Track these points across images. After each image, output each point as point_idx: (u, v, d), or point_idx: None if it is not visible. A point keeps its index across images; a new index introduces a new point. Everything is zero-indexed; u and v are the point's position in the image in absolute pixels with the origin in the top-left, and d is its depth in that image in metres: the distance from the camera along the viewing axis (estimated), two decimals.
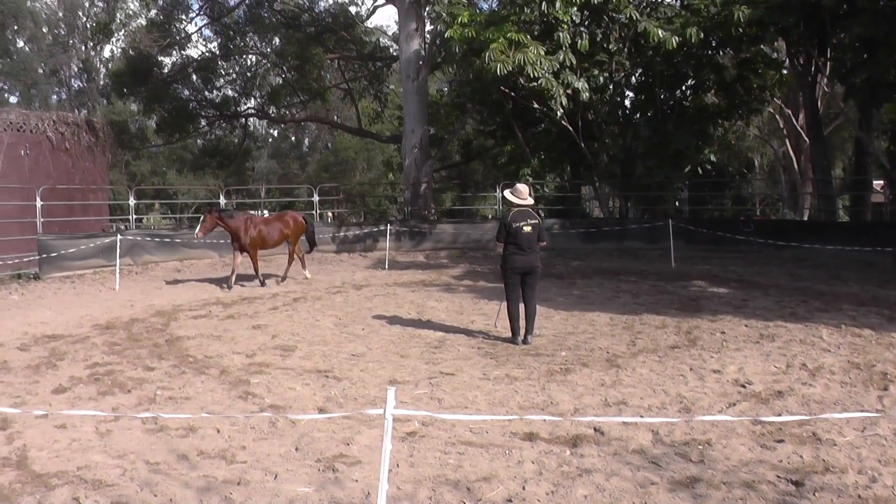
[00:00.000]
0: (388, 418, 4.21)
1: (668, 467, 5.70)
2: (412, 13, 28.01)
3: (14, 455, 6.35)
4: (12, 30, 58.67)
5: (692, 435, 6.38)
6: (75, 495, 5.48)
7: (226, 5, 37.78)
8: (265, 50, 39.52)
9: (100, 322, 12.95)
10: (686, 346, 10.00)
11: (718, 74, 25.26)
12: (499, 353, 9.92)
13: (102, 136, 27.84)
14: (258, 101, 42.49)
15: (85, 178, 26.09)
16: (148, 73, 37.05)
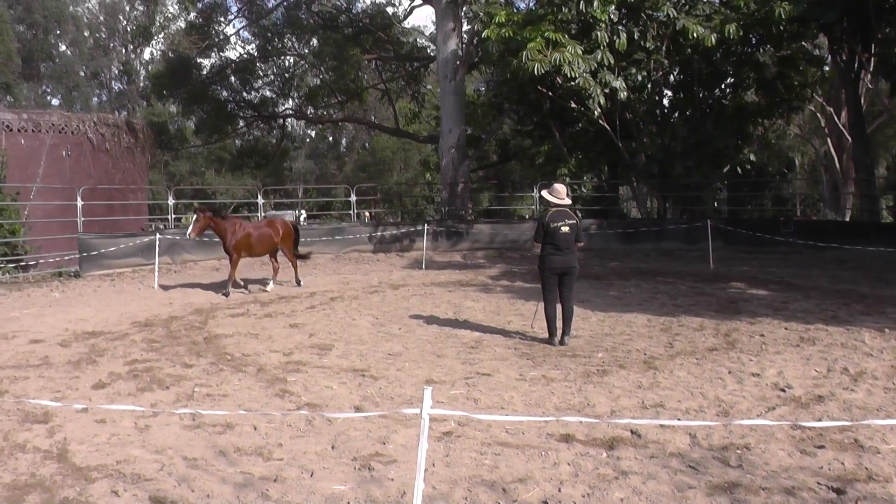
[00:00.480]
0: (424, 418, 4.21)
1: (707, 471, 5.64)
2: (449, 13, 28.03)
3: (55, 448, 6.46)
4: (55, 34, 59.65)
5: (730, 439, 6.29)
6: (114, 488, 5.55)
7: (264, 7, 38.07)
8: (303, 51, 39.74)
9: (139, 319, 13.11)
10: (724, 348, 9.89)
11: (758, 72, 24.93)
12: (535, 353, 9.89)
13: (142, 136, 28.21)
14: (296, 101, 42.73)
15: (125, 179, 26.47)
16: (187, 74, 37.45)
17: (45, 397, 7.97)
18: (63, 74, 59.18)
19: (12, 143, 23.03)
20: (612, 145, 26.43)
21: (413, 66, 38.83)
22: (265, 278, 18.01)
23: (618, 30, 23.18)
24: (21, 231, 21.69)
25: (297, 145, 53.06)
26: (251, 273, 19.02)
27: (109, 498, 5.42)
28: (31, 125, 23.72)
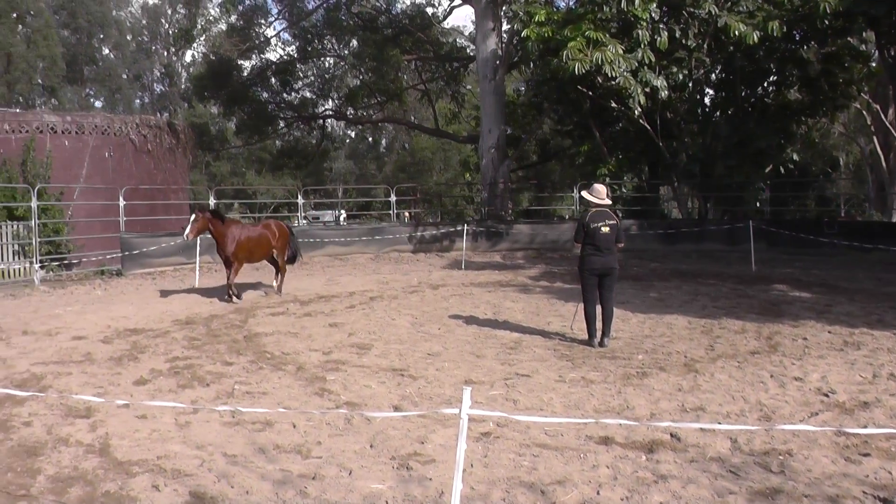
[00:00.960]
0: (463, 418, 4.21)
1: (748, 477, 5.57)
2: (489, 13, 28.02)
3: (97, 442, 6.57)
4: (98, 38, 60.62)
5: (772, 444, 6.21)
6: (155, 483, 5.62)
7: (304, 9, 38.30)
8: (343, 52, 39.92)
9: (180, 317, 13.28)
10: (766, 351, 9.76)
11: (802, 69, 24.56)
12: (575, 355, 9.84)
13: (183, 138, 28.59)
14: (336, 102, 42.94)
15: (166, 179, 26.86)
16: (228, 76, 37.83)
17: (87, 393, 8.10)
18: (106, 77, 60.18)
19: (56, 145, 23.48)
20: (652, 145, 26.22)
21: (452, 67, 38.84)
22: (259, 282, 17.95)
23: (659, 28, 22.98)
24: (64, 230, 22.10)
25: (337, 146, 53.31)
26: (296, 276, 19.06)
27: (150, 492, 5.49)
28: (75, 127, 24.16)
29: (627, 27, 22.76)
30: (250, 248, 15.55)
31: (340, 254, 24.18)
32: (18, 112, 27.37)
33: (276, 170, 49.24)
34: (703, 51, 24.42)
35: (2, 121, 23.59)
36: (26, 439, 6.69)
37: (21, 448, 6.47)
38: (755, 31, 21.87)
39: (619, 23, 23.03)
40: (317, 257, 23.70)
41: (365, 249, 24.53)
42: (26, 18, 49.47)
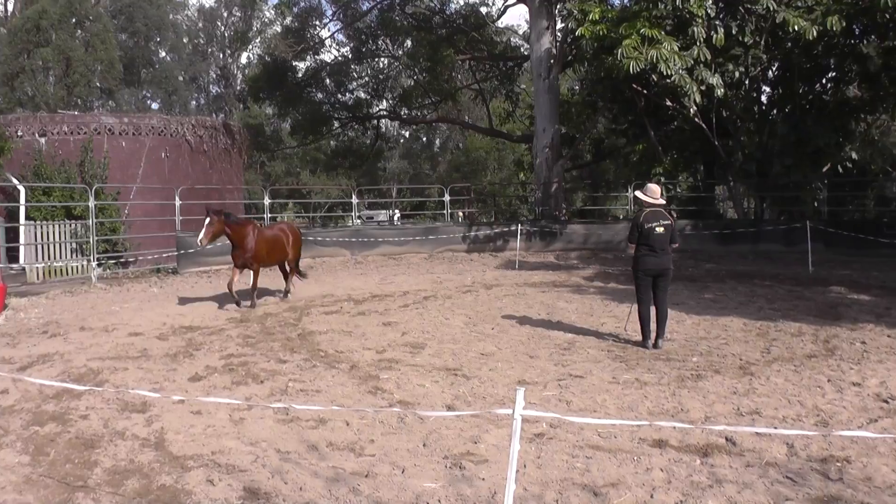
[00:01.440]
0: (516, 418, 4.23)
1: (805, 483, 5.51)
2: (543, 11, 27.93)
3: (153, 436, 6.74)
4: (155, 41, 61.71)
5: (830, 451, 6.12)
6: (209, 478, 5.76)
7: (359, 10, 38.53)
8: (397, 52, 40.11)
9: (234, 315, 13.49)
10: (824, 355, 9.60)
11: (862, 65, 23.99)
12: (629, 356, 9.80)
13: (239, 138, 29.01)
14: (390, 102, 43.16)
15: (222, 179, 27.27)
16: (283, 77, 38.25)
17: (143, 388, 8.28)
18: (163, 79, 61.19)
19: (114, 146, 23.99)
20: (708, 144, 25.89)
21: (506, 66, 38.77)
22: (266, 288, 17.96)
23: (715, 24, 22.64)
24: (121, 229, 22.58)
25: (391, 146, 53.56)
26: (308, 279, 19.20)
27: (205, 486, 5.62)
28: (132, 128, 24.66)
29: (683, 24, 22.48)
30: (268, 250, 14.90)
31: (394, 253, 24.31)
32: (77, 114, 27.97)
33: (331, 170, 49.67)
34: (760, 47, 24.00)
35: (60, 123, 24.16)
36: (84, 432, 6.89)
37: (78, 440, 6.68)
38: (814, 26, 21.39)
39: (675, 20, 22.75)
40: (370, 256, 23.86)
41: (419, 249, 24.63)
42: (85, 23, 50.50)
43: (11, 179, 22.15)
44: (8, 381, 8.48)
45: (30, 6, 47.90)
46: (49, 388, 8.17)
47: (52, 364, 9.71)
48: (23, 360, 9.98)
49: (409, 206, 41.05)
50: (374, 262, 23.05)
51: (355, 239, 24.29)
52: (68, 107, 44.16)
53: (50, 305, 15.19)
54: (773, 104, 27.10)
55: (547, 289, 16.84)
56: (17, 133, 23.20)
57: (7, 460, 6.24)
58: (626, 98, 26.88)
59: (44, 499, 5.51)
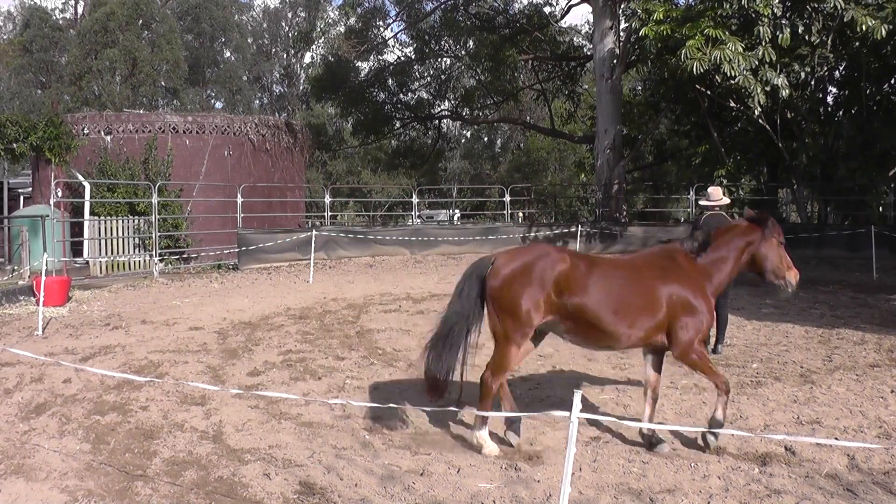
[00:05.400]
0: (573, 421, 4.24)
1: (865, 497, 5.43)
2: (607, 11, 27.75)
3: (211, 429, 6.91)
4: (220, 42, 62.67)
5: (892, 464, 6.03)
6: (266, 471, 5.88)
7: (422, 10, 38.59)
8: (459, 52, 40.08)
9: (294, 312, 13.69)
10: (887, 365, 9.41)
11: None
12: None
13: (301, 137, 29.31)
14: (452, 102, 43.14)
15: (283, 177, 27.60)
16: (345, 77, 38.51)
17: (202, 381, 8.50)
18: (227, 79, 62.11)
19: (178, 144, 24.44)
20: (771, 146, 25.48)
21: (569, 66, 38.52)
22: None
23: (781, 24, 22.23)
24: (183, 225, 23.01)
25: (452, 146, 53.54)
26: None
27: (261, 480, 5.74)
28: (196, 127, 25.10)
29: (748, 24, 22.14)
30: None
31: (454, 253, 24.37)
32: (142, 113, 28.61)
33: (392, 169, 49.82)
34: (827, 47, 23.50)
35: (126, 121, 24.69)
36: (143, 423, 7.10)
37: (138, 431, 6.87)
38: (883, 24, 20.85)
39: (740, 19, 22.43)
40: (430, 256, 23.96)
41: (478, 249, 24.62)
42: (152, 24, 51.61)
43: (77, 176, 22.71)
44: (71, 371, 8.74)
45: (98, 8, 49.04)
46: (110, 379, 8.40)
47: (114, 356, 9.99)
48: (85, 350, 10.29)
49: (469, 206, 41.09)
50: (433, 262, 23.15)
51: (415, 238, 24.40)
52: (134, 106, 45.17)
53: (112, 299, 15.60)
54: (840, 105, 26.58)
55: None
56: (83, 131, 23.77)
57: (69, 447, 6.46)
58: (689, 99, 26.59)
59: (104, 486, 5.68)
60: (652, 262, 6.56)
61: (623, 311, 6.20)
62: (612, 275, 6.33)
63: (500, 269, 6.24)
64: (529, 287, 6.12)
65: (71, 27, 55.57)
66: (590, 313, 6.14)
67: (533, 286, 6.12)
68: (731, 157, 26.67)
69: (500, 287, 6.19)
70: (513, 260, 6.30)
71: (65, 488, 5.61)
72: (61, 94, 47.81)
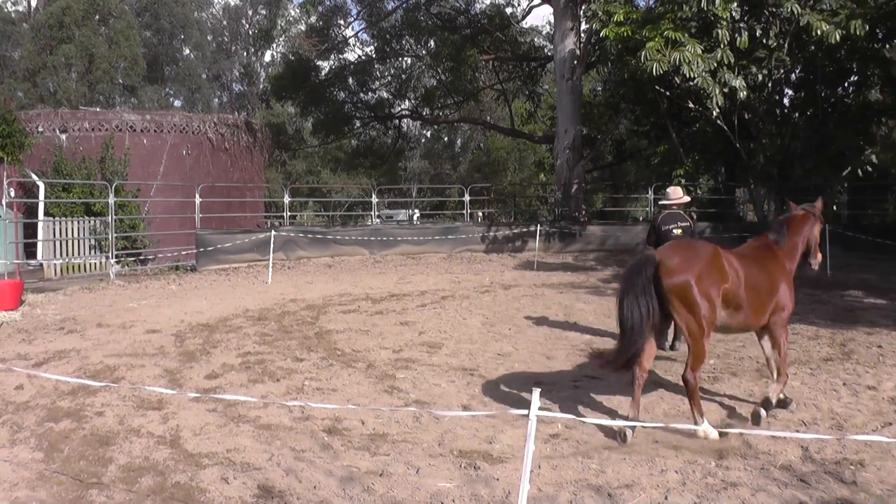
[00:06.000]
0: (532, 419, 4.25)
1: (818, 486, 5.52)
2: (567, 12, 27.90)
3: (168, 434, 6.80)
4: (179, 39, 62.01)
5: (844, 454, 6.13)
6: (224, 476, 5.80)
7: (383, 9, 38.58)
8: (420, 52, 40.11)
9: (252, 313, 13.55)
10: (840, 359, 9.58)
11: (884, 69, 23.82)
12: None
13: (260, 136, 29.14)
14: (412, 102, 43.17)
15: (242, 177, 27.42)
16: (306, 76, 38.36)
17: (159, 385, 8.36)
18: (186, 77, 61.48)
19: (135, 143, 24.16)
20: (729, 146, 25.79)
21: (530, 66, 38.72)
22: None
23: (739, 27, 22.53)
24: (141, 226, 22.74)
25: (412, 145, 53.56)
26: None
27: (219, 485, 5.66)
28: (154, 126, 24.82)
29: (707, 27, 22.38)
30: None
31: (413, 253, 24.36)
32: (99, 111, 28.20)
33: (352, 169, 49.75)
34: (784, 50, 23.84)
35: (82, 119, 24.37)
36: (99, 429, 6.95)
37: (93, 437, 6.73)
38: (837, 29, 21.24)
39: (699, 22, 22.66)
40: (389, 256, 23.91)
41: (438, 249, 24.68)
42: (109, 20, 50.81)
43: (31, 175, 22.36)
44: (23, 377, 8.54)
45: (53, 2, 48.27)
46: (65, 385, 8.21)
47: (69, 360, 9.78)
48: (38, 355, 10.07)
49: (429, 206, 41.03)
50: (392, 262, 23.11)
51: (374, 238, 24.35)
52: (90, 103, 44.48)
53: (67, 302, 15.34)
54: (796, 107, 26.97)
55: (565, 290, 16.84)
56: (37, 129, 23.43)
57: (21, 456, 6.30)
58: (649, 100, 26.84)
59: (57, 495, 5.56)
60: (762, 255, 7.30)
61: (761, 299, 6.94)
62: (750, 267, 6.95)
63: (681, 268, 6.49)
64: (717, 283, 6.53)
65: (24, 21, 54.58)
66: (744, 303, 6.75)
67: (717, 282, 6.54)
68: (690, 156, 26.94)
69: (691, 285, 6.43)
70: (688, 259, 6.57)
71: (14, 500, 5.47)
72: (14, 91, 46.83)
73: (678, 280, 6.46)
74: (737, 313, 6.81)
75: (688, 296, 6.44)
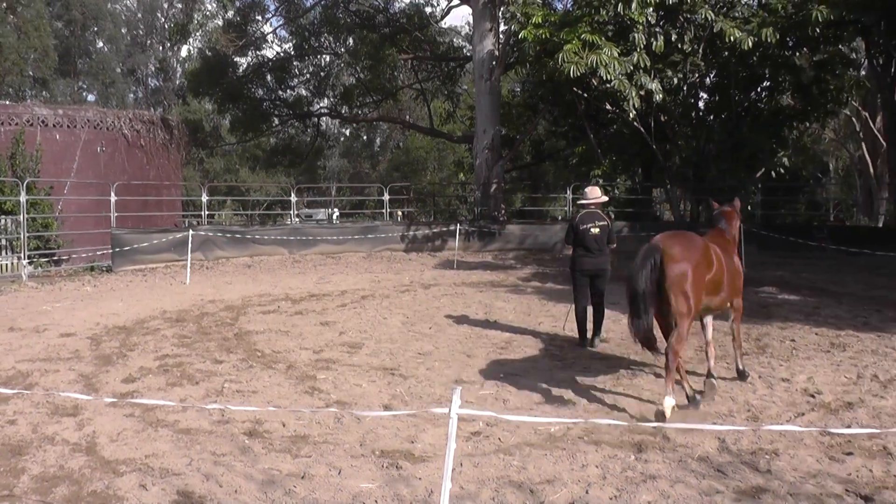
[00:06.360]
0: (453, 417, 4.22)
1: (734, 476, 5.64)
2: (486, 13, 28.04)
3: (84, 441, 6.57)
4: (92, 31, 60.37)
5: (759, 444, 6.29)
6: (142, 482, 5.63)
7: (302, 6, 38.29)
8: (339, 50, 39.91)
9: (170, 315, 13.27)
10: (755, 353, 9.86)
11: (795, 76, 24.64)
12: (566, 355, 9.90)
13: (177, 133, 28.54)
14: (331, 100, 42.93)
15: (159, 175, 26.81)
16: (223, 72, 37.81)
17: (75, 391, 8.09)
18: (100, 71, 59.89)
19: (47, 138, 23.38)
20: (646, 147, 26.29)
21: (449, 66, 38.87)
22: None
23: (655, 32, 22.98)
24: (54, 225, 22.04)
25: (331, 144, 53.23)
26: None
27: (137, 492, 5.49)
28: (67, 121, 24.06)
29: (624, 30, 22.74)
30: None
31: (333, 252, 24.19)
32: (8, 104, 27.18)
33: (270, 167, 49.19)
34: (699, 55, 24.43)
35: None
36: (10, 438, 6.66)
37: (5, 447, 6.44)
38: (749, 37, 21.89)
39: (616, 26, 23.00)
40: (309, 255, 23.71)
41: (357, 248, 24.56)
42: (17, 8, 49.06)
43: None
44: None
45: None
46: None
47: None
48: None
49: (349, 205, 40.86)
50: (312, 261, 22.91)
51: (294, 237, 24.10)
52: None
53: None
54: (711, 110, 27.64)
55: (485, 288, 16.92)
56: None
57: None
58: (567, 101, 27.16)
59: None
60: (726, 244, 8.33)
61: (735, 282, 8.06)
62: (725, 255, 7.92)
63: (680, 257, 7.12)
64: (706, 272, 7.35)
65: None
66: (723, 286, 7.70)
67: (706, 271, 7.35)
68: (608, 157, 27.36)
69: (685, 273, 7.08)
70: (687, 249, 7.26)
71: None
72: None
73: (679, 267, 7.08)
74: (717, 295, 7.67)
75: (679, 283, 7.06)
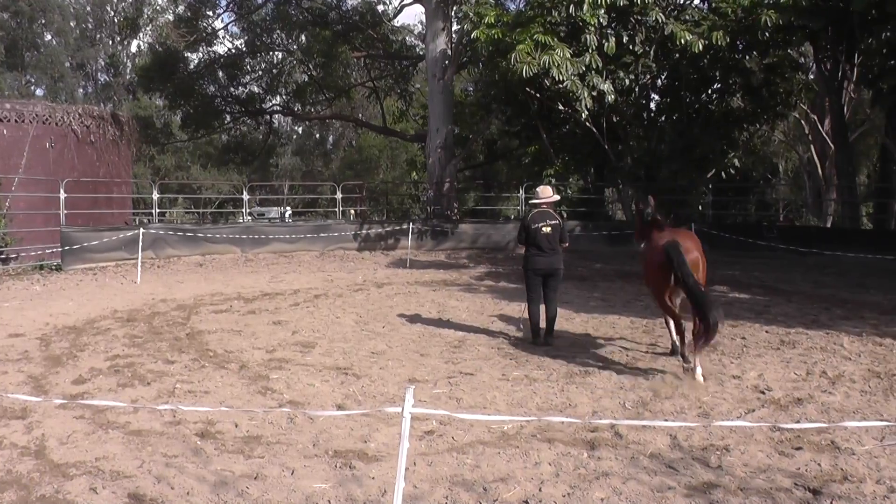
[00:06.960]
0: (406, 417, 4.21)
1: (686, 472, 5.69)
2: (439, 12, 28.04)
3: (33, 444, 6.42)
4: (40, 23, 59.21)
5: (710, 440, 6.35)
6: (93, 486, 5.52)
7: (254, 2, 37.97)
8: (291, 47, 39.68)
9: (121, 315, 13.08)
10: (706, 350, 9.92)
11: (745, 78, 25.06)
12: (519, 353, 9.92)
13: (127, 130, 28.05)
14: (283, 98, 42.66)
15: (109, 172, 26.30)
16: (174, 68, 37.37)
17: (23, 392, 7.93)
18: (48, 65, 58.77)
19: None
20: (598, 148, 26.51)
21: (402, 65, 38.84)
22: None
23: (607, 33, 23.19)
24: (2, 223, 21.56)
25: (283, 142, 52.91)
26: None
27: (88, 495, 5.38)
28: (15, 115, 23.51)
29: (576, 32, 22.91)
30: None
31: (285, 251, 24.03)
32: None
33: (222, 165, 48.78)
34: (650, 57, 24.74)
35: None
36: None
37: None
38: (700, 39, 22.20)
39: (568, 27, 23.17)
40: (261, 254, 23.53)
41: (310, 247, 24.42)
42: None
43: None
44: None
45: None
46: None
47: None
48: None
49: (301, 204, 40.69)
50: (264, 260, 22.73)
51: (246, 236, 23.91)
52: None
53: None
54: (662, 112, 27.97)
55: (438, 287, 16.92)
56: None
57: None
58: (520, 101, 27.27)
59: None
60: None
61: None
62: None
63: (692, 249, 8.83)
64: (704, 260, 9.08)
65: None
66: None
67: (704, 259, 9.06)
68: (560, 157, 27.56)
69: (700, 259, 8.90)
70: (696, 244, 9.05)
71: None
72: None
73: (692, 256, 8.72)
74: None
75: (697, 265, 8.74)
